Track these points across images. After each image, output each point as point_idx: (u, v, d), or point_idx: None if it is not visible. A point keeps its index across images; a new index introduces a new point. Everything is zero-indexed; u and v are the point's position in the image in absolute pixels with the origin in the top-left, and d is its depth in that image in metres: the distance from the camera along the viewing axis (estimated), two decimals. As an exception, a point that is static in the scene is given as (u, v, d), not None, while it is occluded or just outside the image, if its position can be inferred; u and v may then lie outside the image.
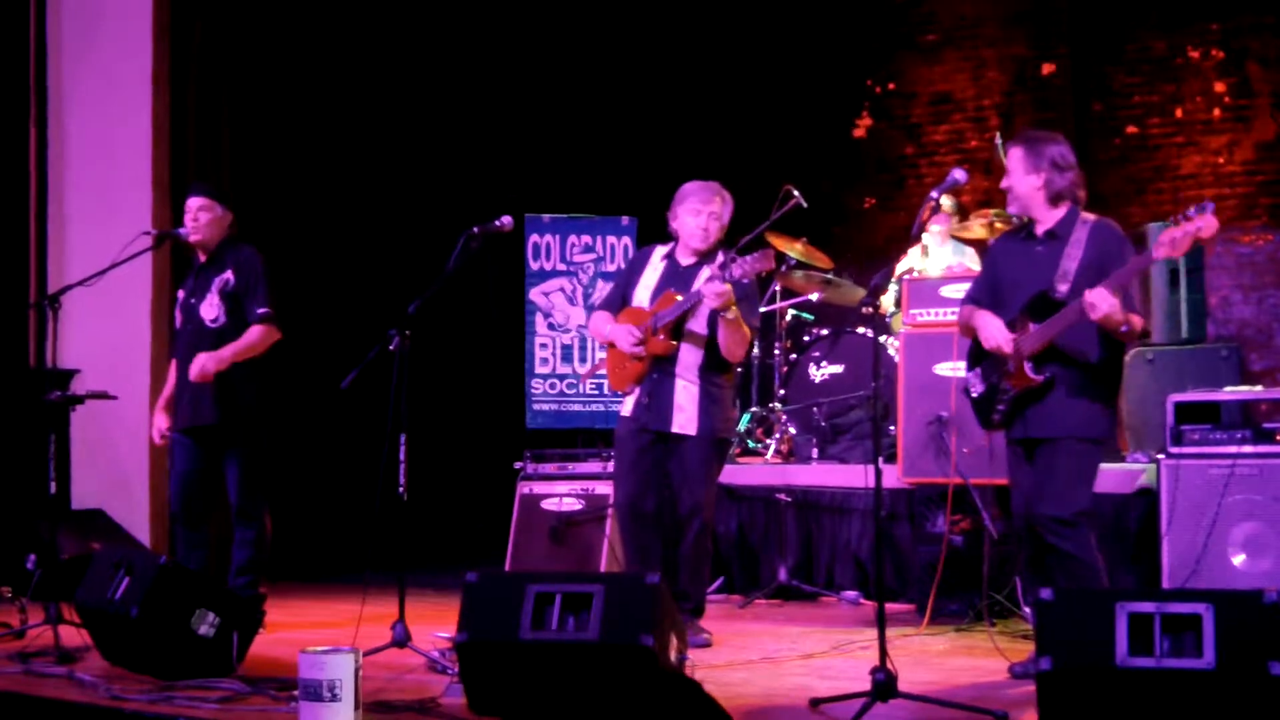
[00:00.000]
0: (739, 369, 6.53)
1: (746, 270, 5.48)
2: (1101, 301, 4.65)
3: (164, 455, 6.41)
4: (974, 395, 5.13)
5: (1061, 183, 4.98)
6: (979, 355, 5.11)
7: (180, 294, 6.38)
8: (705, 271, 5.73)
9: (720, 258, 5.75)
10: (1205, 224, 4.51)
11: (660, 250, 5.99)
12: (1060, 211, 5.00)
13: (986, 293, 5.16)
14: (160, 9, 8.19)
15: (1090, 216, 5.01)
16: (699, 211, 5.78)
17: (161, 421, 6.32)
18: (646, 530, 5.82)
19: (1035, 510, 4.90)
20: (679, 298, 5.69)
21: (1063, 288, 4.86)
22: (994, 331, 4.98)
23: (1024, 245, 5.10)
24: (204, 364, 6.03)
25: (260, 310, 6.14)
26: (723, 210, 5.82)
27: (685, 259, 5.87)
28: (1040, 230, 5.04)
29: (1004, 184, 5.08)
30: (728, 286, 5.46)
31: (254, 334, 6.14)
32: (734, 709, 4.51)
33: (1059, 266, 4.89)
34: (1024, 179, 5.01)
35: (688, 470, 5.75)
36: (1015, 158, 5.04)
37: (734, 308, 5.53)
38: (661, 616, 4.09)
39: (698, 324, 5.71)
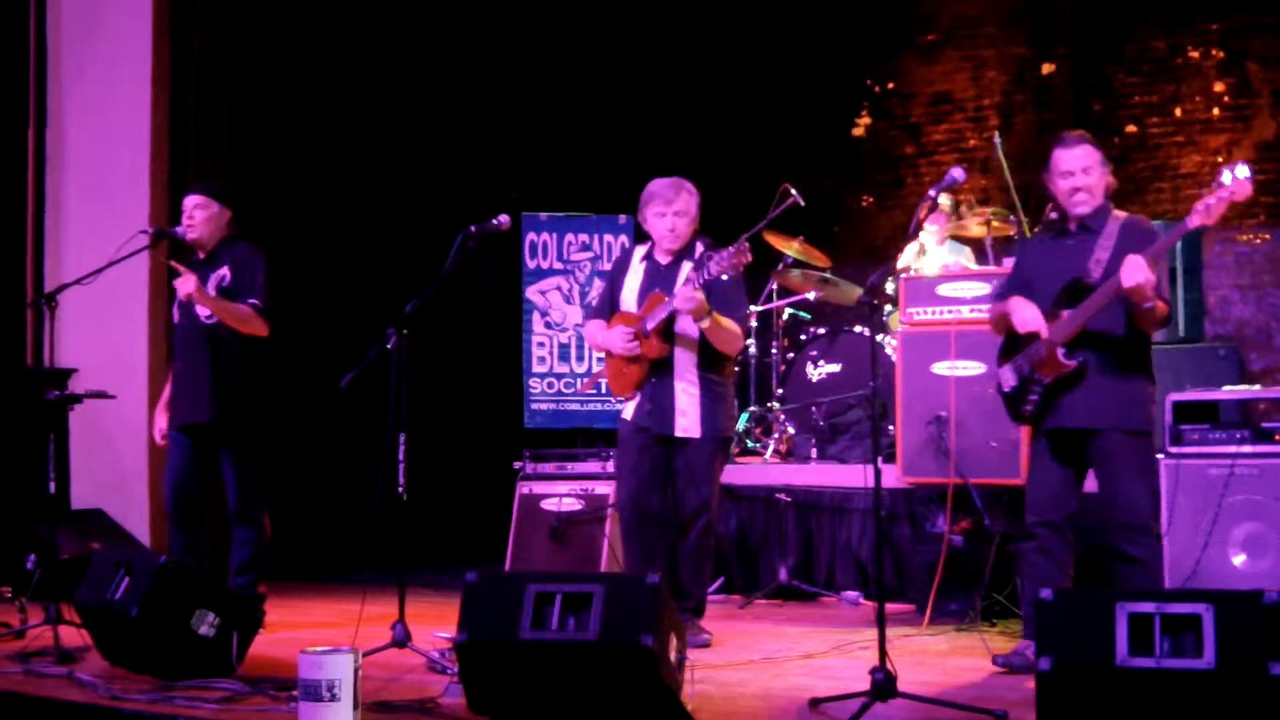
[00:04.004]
0: (737, 365, 6.52)
1: (723, 267, 5.43)
2: (1138, 269, 4.60)
3: (163, 455, 6.41)
4: (1006, 389, 5.11)
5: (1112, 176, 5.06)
6: (1010, 349, 5.10)
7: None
8: (686, 267, 5.74)
9: (699, 248, 5.75)
10: (1238, 188, 4.48)
11: (639, 251, 5.98)
12: (1099, 204, 5.02)
13: (1018, 291, 5.13)
14: (160, 9, 8.19)
15: (1121, 214, 5.02)
16: (663, 214, 5.77)
17: (162, 422, 6.33)
18: (650, 529, 5.81)
19: (1112, 520, 4.88)
20: (666, 298, 5.69)
21: (1097, 273, 4.85)
22: (1028, 315, 4.96)
23: (1053, 240, 5.09)
24: (193, 287, 5.92)
25: (252, 300, 6.09)
26: (689, 204, 5.79)
27: (663, 258, 5.86)
28: (1073, 225, 5.02)
29: (1076, 184, 4.95)
30: (699, 295, 5.46)
31: (245, 309, 6.07)
32: (734, 709, 4.52)
33: (1092, 254, 4.88)
34: (1103, 175, 5.00)
35: (693, 470, 5.73)
36: (1089, 155, 4.97)
37: (707, 317, 5.52)
38: (661, 617, 4.08)
39: (688, 324, 5.69)
